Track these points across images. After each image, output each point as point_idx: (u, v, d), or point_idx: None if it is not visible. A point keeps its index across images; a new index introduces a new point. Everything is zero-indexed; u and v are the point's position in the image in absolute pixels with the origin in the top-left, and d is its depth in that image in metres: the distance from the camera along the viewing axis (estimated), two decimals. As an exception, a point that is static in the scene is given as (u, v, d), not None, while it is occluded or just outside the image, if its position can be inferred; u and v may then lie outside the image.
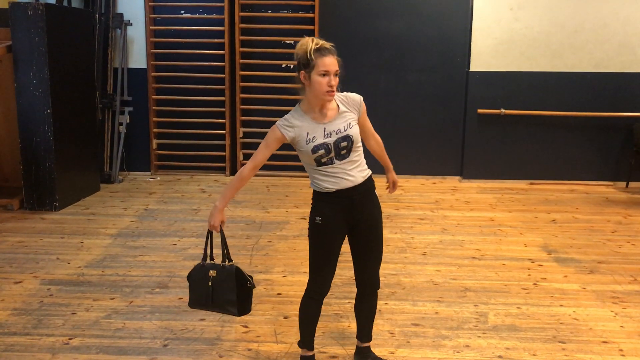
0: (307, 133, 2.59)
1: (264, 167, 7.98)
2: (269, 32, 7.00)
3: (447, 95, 7.01)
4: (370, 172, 2.75)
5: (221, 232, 2.76)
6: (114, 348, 3.08)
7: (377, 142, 2.91)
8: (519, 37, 6.74)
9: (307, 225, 2.74)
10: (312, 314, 2.84)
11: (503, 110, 6.82)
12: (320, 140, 2.58)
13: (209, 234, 2.78)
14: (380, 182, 2.82)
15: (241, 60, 6.98)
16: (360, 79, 6.92)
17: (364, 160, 2.73)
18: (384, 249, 4.49)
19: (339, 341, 3.17)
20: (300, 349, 2.92)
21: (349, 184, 2.64)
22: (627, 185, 6.86)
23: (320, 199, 2.69)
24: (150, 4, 6.97)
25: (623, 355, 3.06)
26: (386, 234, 5.08)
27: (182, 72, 7.09)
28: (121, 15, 7.01)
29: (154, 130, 7.20)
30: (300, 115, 2.63)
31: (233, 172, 7.18)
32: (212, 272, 2.78)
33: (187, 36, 7.04)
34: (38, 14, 5.28)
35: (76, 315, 3.43)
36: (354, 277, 4.10)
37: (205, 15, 7.04)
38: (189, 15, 7.04)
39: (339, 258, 2.77)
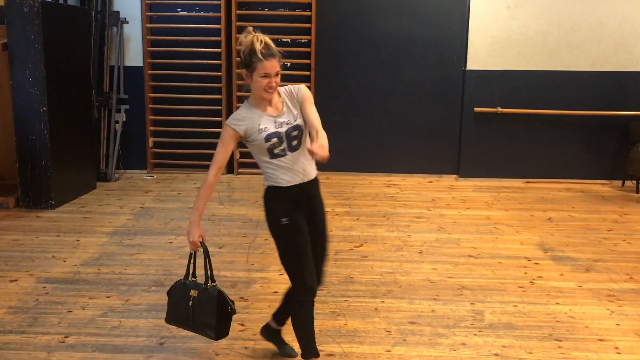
0: (259, 124, 2.60)
1: (261, 166, 7.86)
2: (265, 30, 6.95)
3: (444, 93, 7.01)
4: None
5: (205, 250, 2.64)
6: (110, 346, 3.07)
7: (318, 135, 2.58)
8: (516, 35, 6.75)
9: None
10: (309, 318, 2.71)
11: (500, 109, 6.83)
12: (272, 129, 2.60)
13: (193, 252, 2.65)
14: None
15: (238, 59, 6.97)
16: (357, 77, 6.91)
17: None
18: (381, 246, 4.50)
19: (336, 339, 3.17)
20: None
21: (304, 178, 2.66)
22: (623, 184, 6.87)
23: (276, 198, 2.66)
24: (146, 2, 6.94)
25: (619, 353, 3.07)
26: (383, 232, 5.11)
27: (178, 70, 7.06)
28: (117, 13, 6.99)
29: (151, 128, 7.18)
30: (248, 109, 2.64)
31: (229, 170, 7.17)
32: (193, 292, 2.66)
33: (184, 34, 7.02)
34: (34, 11, 5.26)
35: (72, 313, 3.42)
36: (350, 276, 4.10)
37: (201, 13, 7.02)
38: (185, 13, 7.03)
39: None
